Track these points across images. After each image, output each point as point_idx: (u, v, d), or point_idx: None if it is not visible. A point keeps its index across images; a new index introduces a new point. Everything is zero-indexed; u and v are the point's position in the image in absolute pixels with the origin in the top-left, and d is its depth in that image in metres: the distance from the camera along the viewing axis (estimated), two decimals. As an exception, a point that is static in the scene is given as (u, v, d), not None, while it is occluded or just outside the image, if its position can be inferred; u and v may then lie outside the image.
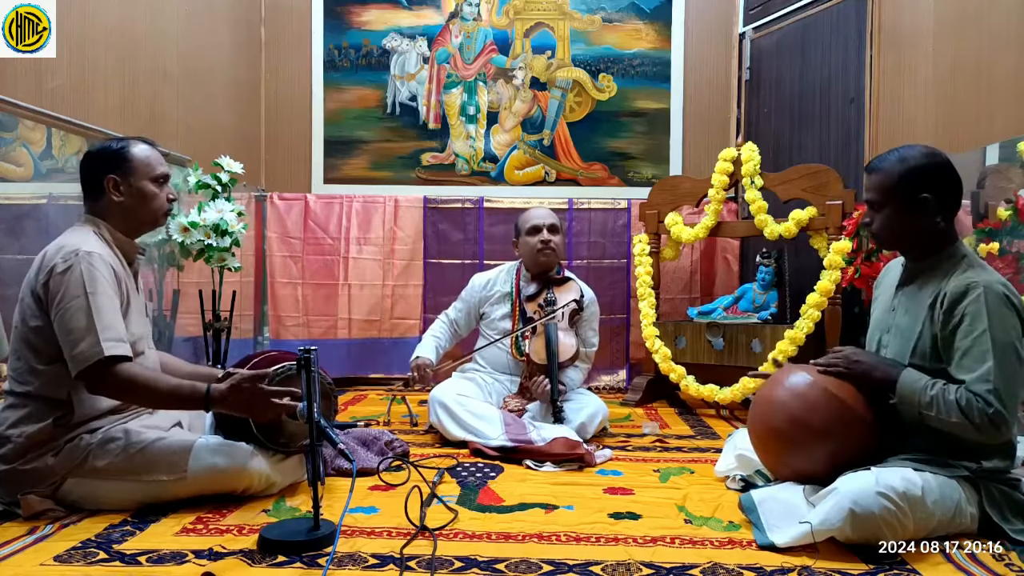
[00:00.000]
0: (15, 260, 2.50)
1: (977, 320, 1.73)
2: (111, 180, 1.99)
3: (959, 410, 1.70)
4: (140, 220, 2.05)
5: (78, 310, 1.82)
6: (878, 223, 1.91)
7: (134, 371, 1.86)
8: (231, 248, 3.15)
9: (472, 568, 1.59)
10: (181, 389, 1.90)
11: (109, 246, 1.99)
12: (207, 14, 3.89)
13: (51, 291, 1.85)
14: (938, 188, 1.84)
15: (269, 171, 4.44)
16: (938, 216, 1.84)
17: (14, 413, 1.89)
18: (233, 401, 1.88)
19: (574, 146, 4.47)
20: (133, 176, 2.01)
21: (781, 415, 1.90)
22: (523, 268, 3.12)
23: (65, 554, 1.63)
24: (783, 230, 3.29)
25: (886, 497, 1.62)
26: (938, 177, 1.85)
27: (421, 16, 4.47)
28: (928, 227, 1.86)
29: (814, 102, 3.79)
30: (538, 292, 3.02)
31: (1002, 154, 2.60)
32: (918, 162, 1.86)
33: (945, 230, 1.87)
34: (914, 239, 1.89)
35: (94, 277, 1.86)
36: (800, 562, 1.61)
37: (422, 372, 2.92)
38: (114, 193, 2.00)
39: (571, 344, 2.90)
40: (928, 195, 1.83)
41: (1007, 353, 1.72)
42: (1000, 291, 1.75)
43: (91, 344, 1.81)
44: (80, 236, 1.95)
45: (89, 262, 1.86)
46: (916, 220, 1.85)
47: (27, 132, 2.62)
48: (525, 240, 3.04)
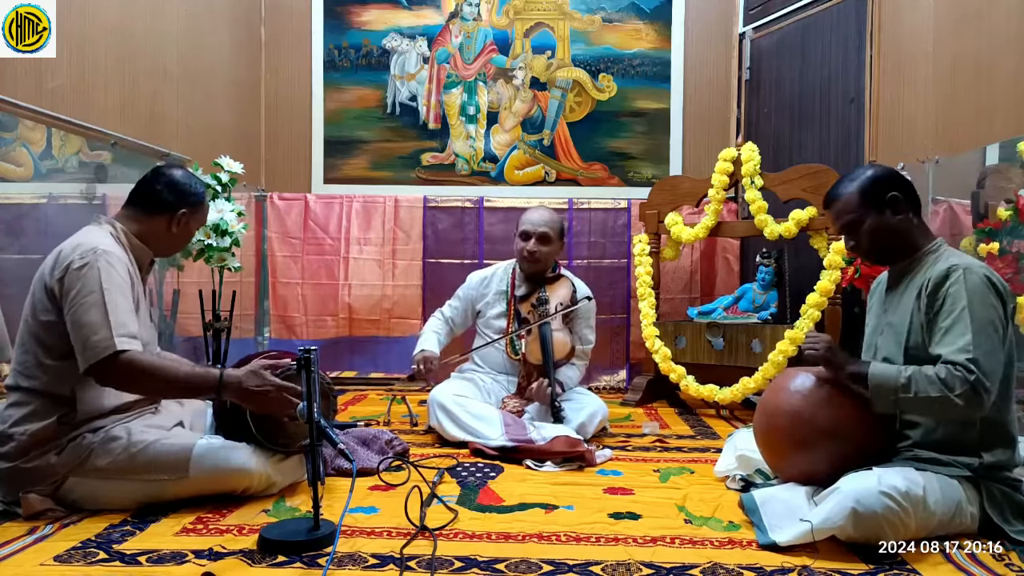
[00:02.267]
0: (15, 260, 2.50)
1: (958, 300, 1.75)
2: (184, 214, 2.09)
3: (939, 383, 1.70)
4: (168, 249, 2.18)
5: (93, 305, 1.83)
6: (864, 241, 1.94)
7: (145, 359, 1.87)
8: (231, 248, 3.15)
9: (472, 568, 1.59)
10: (193, 375, 1.91)
11: (124, 249, 2.01)
12: (207, 14, 3.89)
13: (66, 286, 1.86)
14: (898, 186, 1.91)
15: (269, 171, 4.44)
16: (910, 212, 1.91)
17: (18, 411, 1.89)
18: (245, 388, 1.89)
19: (574, 146, 4.47)
20: (194, 221, 2.15)
21: (787, 416, 1.91)
22: (518, 268, 3.12)
23: (65, 554, 1.63)
24: (783, 230, 3.29)
25: (889, 496, 1.62)
26: (894, 178, 1.94)
27: (421, 16, 4.47)
28: (907, 224, 1.91)
29: (814, 102, 3.79)
30: (530, 292, 3.02)
31: (1002, 154, 2.60)
32: (869, 173, 1.96)
33: (920, 226, 1.93)
34: (898, 240, 1.92)
35: (111, 274, 1.87)
36: (800, 562, 1.61)
37: (427, 365, 2.90)
38: (174, 224, 2.09)
39: (565, 341, 2.90)
40: (893, 192, 1.89)
41: (986, 328, 1.73)
42: (981, 272, 1.78)
43: (104, 338, 1.81)
44: (97, 236, 1.97)
45: (107, 260, 1.88)
46: (895, 220, 1.90)
47: (27, 132, 2.63)
48: (516, 240, 3.05)
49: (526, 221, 3.03)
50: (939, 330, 1.77)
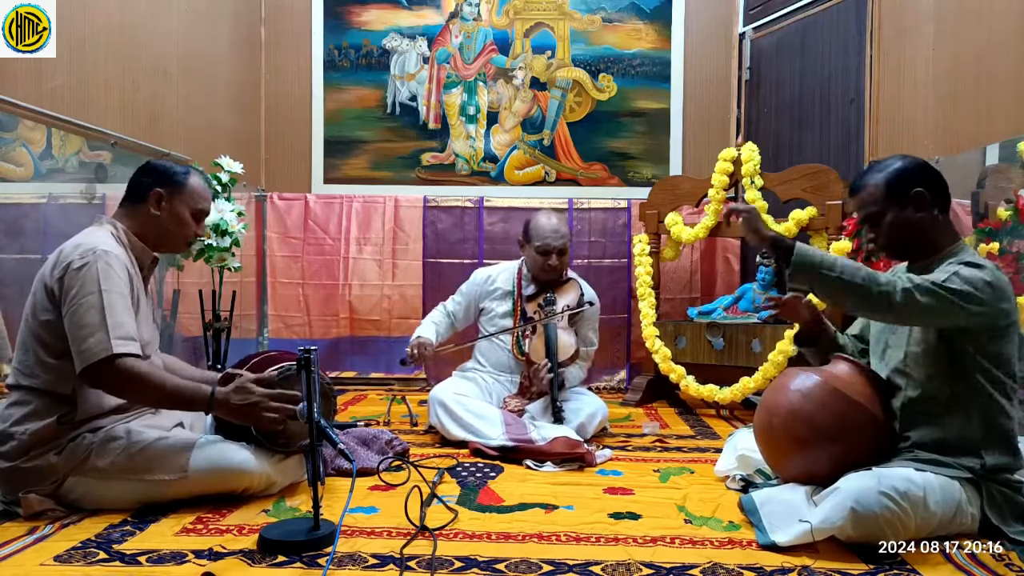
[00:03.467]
0: (15, 260, 2.50)
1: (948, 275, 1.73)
2: (157, 193, 2.04)
3: (867, 274, 1.69)
4: (164, 239, 2.10)
5: (91, 307, 1.83)
6: (883, 235, 1.89)
7: (140, 368, 1.86)
8: (231, 248, 3.15)
9: (472, 568, 1.58)
10: (185, 390, 1.90)
11: (125, 249, 2.01)
12: (207, 14, 3.89)
13: (65, 286, 1.86)
14: (927, 182, 1.86)
15: (269, 171, 4.44)
16: (935, 209, 1.86)
17: (18, 410, 1.89)
18: (232, 405, 1.88)
19: (574, 146, 4.47)
20: (178, 199, 2.07)
21: (787, 415, 1.90)
22: (524, 268, 3.12)
23: (65, 554, 1.63)
24: (783, 230, 3.29)
25: (888, 497, 1.62)
26: (923, 172, 1.88)
27: (421, 16, 4.47)
28: (930, 222, 1.86)
29: (814, 102, 3.79)
30: (538, 292, 3.02)
31: (1002, 154, 2.60)
32: (899, 165, 1.89)
33: (945, 224, 1.88)
34: (920, 237, 1.87)
35: (109, 275, 1.87)
36: (800, 562, 1.61)
37: (422, 350, 2.89)
38: (154, 206, 2.05)
39: (571, 343, 2.90)
40: (921, 188, 1.84)
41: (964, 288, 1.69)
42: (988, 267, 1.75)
43: (100, 340, 1.81)
44: (98, 236, 1.97)
45: (106, 261, 1.88)
46: (917, 217, 1.85)
47: (27, 132, 2.62)
48: (533, 255, 3.01)
49: (546, 235, 2.95)
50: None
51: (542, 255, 2.98)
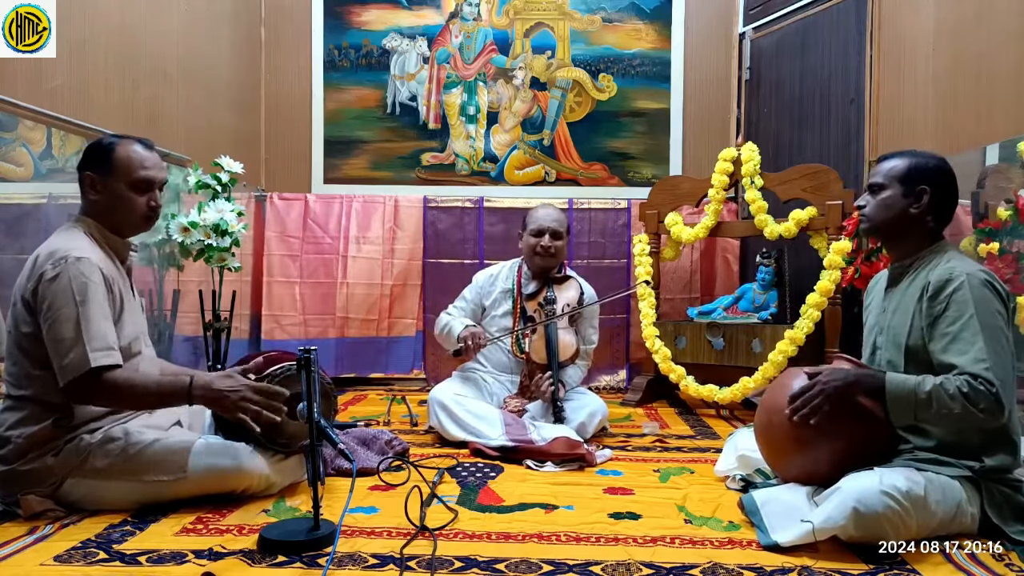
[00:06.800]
0: (15, 260, 2.49)
1: (963, 307, 1.75)
2: (87, 177, 1.97)
3: (963, 398, 1.70)
4: (117, 222, 2.00)
5: (66, 321, 1.80)
6: (872, 205, 1.96)
7: (118, 378, 1.84)
8: (231, 248, 3.15)
9: (472, 568, 1.58)
10: (166, 384, 1.90)
11: (100, 246, 1.97)
12: (207, 14, 3.88)
13: (39, 299, 1.84)
14: (938, 186, 1.90)
15: (269, 171, 4.44)
16: (930, 215, 1.90)
17: (13, 415, 1.88)
18: (216, 390, 1.85)
19: (574, 146, 4.47)
20: (110, 177, 1.96)
21: (788, 415, 1.90)
22: (525, 267, 3.12)
23: (65, 554, 1.63)
24: (783, 230, 3.29)
25: (890, 496, 1.62)
26: (941, 177, 1.92)
27: (421, 16, 4.47)
28: (918, 221, 1.91)
29: (814, 102, 3.79)
30: (538, 291, 3.02)
31: (1002, 154, 2.60)
32: (928, 159, 1.95)
33: (933, 231, 1.93)
34: (900, 229, 1.93)
35: (83, 285, 1.83)
36: (800, 562, 1.61)
37: (475, 341, 2.84)
38: (90, 191, 1.98)
39: (571, 342, 2.90)
40: (927, 187, 1.89)
41: (995, 335, 1.74)
42: (982, 278, 1.79)
43: (79, 355, 1.79)
44: (70, 238, 1.92)
45: (79, 268, 1.84)
46: (908, 211, 1.90)
47: (27, 132, 2.62)
48: (527, 239, 3.04)
49: (538, 218, 3.03)
50: (945, 335, 1.77)
51: (535, 236, 2.99)
